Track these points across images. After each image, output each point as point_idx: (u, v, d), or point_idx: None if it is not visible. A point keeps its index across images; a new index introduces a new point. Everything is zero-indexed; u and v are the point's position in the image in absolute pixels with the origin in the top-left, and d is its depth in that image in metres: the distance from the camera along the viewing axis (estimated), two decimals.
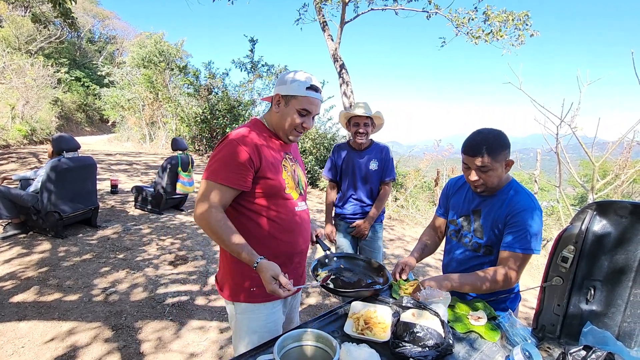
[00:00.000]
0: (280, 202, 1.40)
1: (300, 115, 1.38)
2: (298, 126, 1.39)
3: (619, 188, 5.67)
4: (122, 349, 2.42)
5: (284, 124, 1.39)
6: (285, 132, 1.41)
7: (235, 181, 1.28)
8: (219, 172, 1.28)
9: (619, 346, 1.12)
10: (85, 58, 25.38)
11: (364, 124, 2.55)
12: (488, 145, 1.44)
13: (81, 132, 19.74)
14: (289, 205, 1.43)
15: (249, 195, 1.36)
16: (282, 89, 1.37)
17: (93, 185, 4.51)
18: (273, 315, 1.43)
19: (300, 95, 1.35)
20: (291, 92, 1.35)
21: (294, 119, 1.37)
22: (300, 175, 1.55)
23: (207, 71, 12.17)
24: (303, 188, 1.55)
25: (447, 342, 1.16)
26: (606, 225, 1.21)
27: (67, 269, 3.47)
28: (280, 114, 1.39)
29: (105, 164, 9.30)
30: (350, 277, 1.63)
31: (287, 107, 1.37)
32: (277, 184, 1.37)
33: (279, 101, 1.39)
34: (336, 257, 1.69)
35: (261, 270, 1.20)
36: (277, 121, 1.41)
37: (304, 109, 1.37)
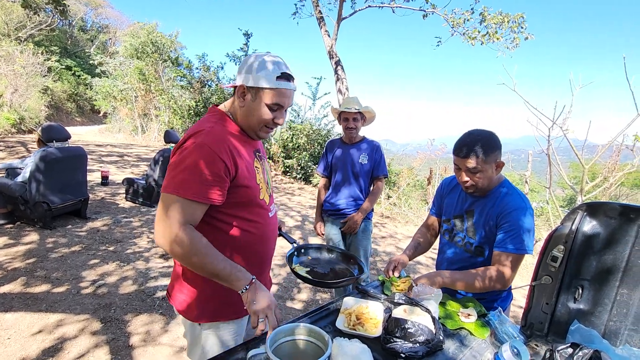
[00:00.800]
0: (255, 210, 1.23)
1: (271, 110, 1.16)
2: (269, 122, 1.19)
3: (607, 190, 5.77)
4: (110, 342, 2.40)
5: (252, 121, 1.18)
6: (253, 129, 1.21)
7: (210, 196, 1.07)
8: (189, 185, 1.04)
9: (605, 344, 1.14)
10: (76, 47, 24.89)
11: (354, 119, 2.60)
12: (478, 147, 1.44)
13: (71, 122, 19.40)
14: (263, 212, 1.26)
15: (225, 207, 1.16)
16: (247, 79, 1.14)
17: (83, 176, 4.45)
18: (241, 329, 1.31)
19: (269, 88, 1.13)
20: (259, 84, 1.12)
21: (264, 114, 1.16)
22: (268, 174, 1.37)
23: (201, 64, 12.05)
24: (271, 189, 1.38)
25: (437, 339, 1.17)
26: (596, 226, 1.23)
27: (55, 260, 3.42)
28: (247, 109, 1.17)
29: (96, 155, 9.17)
30: (325, 268, 1.56)
31: (255, 101, 1.15)
32: (253, 191, 1.20)
33: (244, 93, 1.16)
34: (304, 248, 1.62)
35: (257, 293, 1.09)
36: (243, 117, 1.19)
37: (275, 103, 1.15)
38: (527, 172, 6.93)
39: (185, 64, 12.29)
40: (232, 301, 1.22)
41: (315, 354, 1.01)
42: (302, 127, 9.38)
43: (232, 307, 1.24)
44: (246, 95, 1.16)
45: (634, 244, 1.16)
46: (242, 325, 1.31)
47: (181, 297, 1.24)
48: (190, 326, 1.29)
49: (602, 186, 5.71)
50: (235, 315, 1.25)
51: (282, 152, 9.63)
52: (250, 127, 1.21)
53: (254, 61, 1.15)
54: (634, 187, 12.79)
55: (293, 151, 9.45)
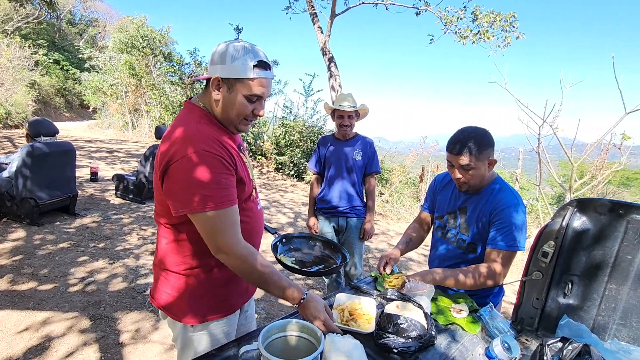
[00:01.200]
0: (248, 205, 1.22)
1: (249, 102, 1.10)
2: (248, 115, 1.13)
3: (595, 188, 5.88)
4: (100, 340, 2.36)
5: (229, 114, 1.12)
6: (232, 122, 1.14)
7: (234, 199, 1.08)
8: (219, 194, 1.02)
9: (593, 338, 1.16)
10: (65, 40, 24.40)
11: (349, 117, 2.59)
12: (471, 144, 1.44)
13: (60, 118, 19.06)
14: (253, 206, 1.25)
15: None
16: (221, 70, 1.06)
17: (71, 172, 4.37)
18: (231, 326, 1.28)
19: (246, 78, 1.06)
20: (234, 74, 1.05)
21: (243, 107, 1.10)
22: (250, 167, 1.30)
23: (193, 59, 11.91)
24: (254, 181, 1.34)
25: (429, 334, 1.18)
26: (585, 222, 1.24)
27: (42, 257, 3.35)
28: (224, 102, 1.10)
29: (85, 151, 9.01)
30: (308, 257, 1.54)
31: (231, 93, 1.08)
32: (248, 185, 1.18)
33: (218, 85, 1.09)
34: (286, 238, 1.59)
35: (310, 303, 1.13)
36: (220, 110, 1.12)
37: (253, 95, 1.08)
38: (518, 170, 7.02)
39: (175, 59, 12.12)
40: (222, 299, 1.21)
41: (308, 350, 1.01)
42: (295, 123, 9.34)
43: (223, 304, 1.22)
44: (221, 87, 1.09)
45: (622, 240, 1.18)
46: (233, 322, 1.29)
47: (169, 299, 1.18)
48: (181, 329, 1.21)
49: (590, 184, 5.81)
50: (226, 312, 1.23)
51: (274, 149, 9.58)
52: (229, 120, 1.14)
53: (226, 50, 1.06)
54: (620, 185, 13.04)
55: (286, 148, 9.41)
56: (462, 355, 1.19)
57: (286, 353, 1.03)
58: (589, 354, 0.98)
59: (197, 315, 1.18)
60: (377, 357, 1.12)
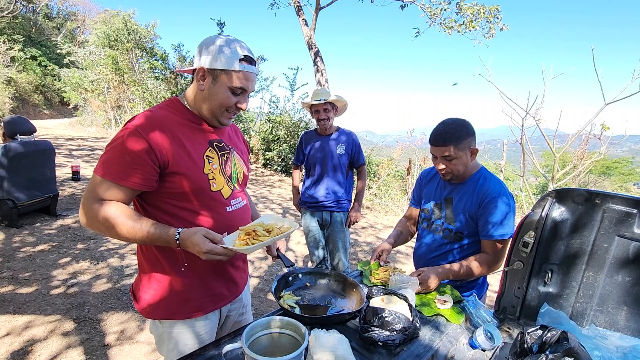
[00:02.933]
0: (205, 203, 1.16)
1: (233, 94, 1.12)
2: (231, 107, 1.14)
3: (577, 178, 6.02)
4: (84, 342, 2.32)
5: (212, 105, 1.13)
6: (214, 114, 1.15)
7: (128, 178, 1.03)
8: (110, 165, 1.03)
9: (572, 325, 1.18)
10: (42, 35, 23.57)
11: (324, 110, 2.59)
12: (451, 135, 1.50)
13: (39, 115, 18.48)
14: (216, 205, 1.18)
15: (161, 195, 1.12)
16: (207, 61, 1.08)
17: (51, 172, 4.25)
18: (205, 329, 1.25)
19: (231, 70, 1.08)
20: (220, 66, 1.07)
21: (226, 98, 1.11)
22: (236, 166, 1.27)
23: (177, 54, 11.66)
24: (238, 181, 1.28)
25: (414, 326, 1.19)
26: (564, 212, 1.27)
27: (22, 260, 3.26)
28: (207, 93, 1.11)
29: (65, 149, 8.77)
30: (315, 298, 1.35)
31: (216, 85, 1.10)
32: (196, 181, 1.12)
33: (203, 76, 1.11)
34: (301, 273, 1.45)
35: (187, 238, 1.03)
36: (202, 101, 1.14)
37: (238, 87, 1.11)
38: (502, 162, 7.13)
39: (159, 54, 11.84)
40: (184, 299, 1.19)
41: (292, 346, 1.00)
42: (282, 119, 9.28)
43: (193, 303, 1.20)
44: (206, 78, 1.11)
45: (599, 229, 1.21)
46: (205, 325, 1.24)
47: (143, 295, 1.20)
48: (151, 323, 1.24)
49: (572, 174, 5.95)
50: (189, 315, 1.20)
51: (262, 145, 9.50)
52: (210, 112, 1.15)
53: (214, 42, 1.09)
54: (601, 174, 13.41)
55: (273, 143, 9.35)
56: (446, 346, 1.21)
57: (270, 350, 1.03)
58: (567, 340, 1.00)
59: (160, 311, 1.19)
60: (363, 351, 1.13)
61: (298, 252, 4.38)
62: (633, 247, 1.15)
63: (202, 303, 1.22)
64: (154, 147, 1.04)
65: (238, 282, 1.33)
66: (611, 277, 1.20)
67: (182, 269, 1.17)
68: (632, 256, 1.16)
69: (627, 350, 1.02)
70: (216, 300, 1.25)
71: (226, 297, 1.29)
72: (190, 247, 1.04)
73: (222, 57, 1.07)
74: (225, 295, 1.28)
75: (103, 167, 1.04)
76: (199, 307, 1.21)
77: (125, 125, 1.08)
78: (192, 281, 1.19)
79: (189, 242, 1.04)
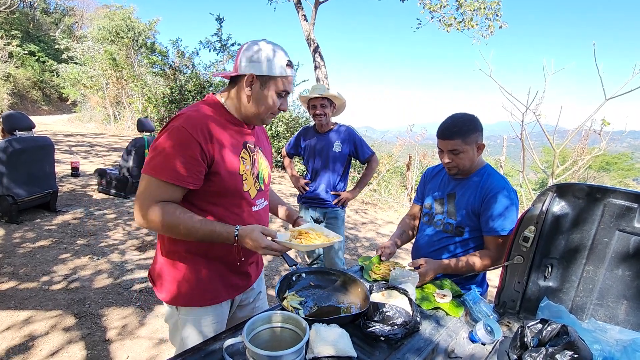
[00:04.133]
0: (235, 202, 1.23)
1: (279, 97, 1.21)
2: (275, 110, 1.23)
3: (577, 173, 6.03)
4: (85, 337, 2.33)
5: (259, 109, 1.20)
6: (260, 116, 1.23)
7: (182, 179, 1.08)
8: (164, 167, 1.07)
9: (572, 319, 1.19)
10: (40, 31, 23.44)
11: (321, 105, 2.55)
12: (458, 129, 1.50)
13: (38, 111, 18.43)
14: (244, 205, 1.25)
15: (199, 192, 1.17)
16: (256, 68, 1.15)
17: (50, 168, 4.24)
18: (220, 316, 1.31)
19: (279, 76, 1.16)
20: (269, 72, 1.15)
21: (273, 102, 1.19)
22: (262, 166, 1.34)
23: (175, 49, 11.61)
24: (264, 182, 1.35)
25: (414, 320, 1.19)
26: (564, 207, 1.27)
27: (23, 255, 3.27)
28: (256, 98, 1.18)
29: (65, 145, 8.76)
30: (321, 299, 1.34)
31: (264, 90, 1.17)
32: (233, 181, 1.19)
33: (252, 82, 1.17)
34: (305, 272, 1.45)
35: (245, 235, 1.10)
36: (249, 105, 1.20)
37: (283, 91, 1.19)
38: (502, 157, 7.13)
39: (158, 49, 11.79)
40: (211, 287, 1.25)
41: (293, 340, 1.01)
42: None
43: (210, 292, 1.25)
44: (254, 83, 1.17)
45: (599, 223, 1.21)
46: (219, 314, 1.30)
47: (164, 282, 1.26)
48: (168, 309, 1.30)
49: (571, 169, 5.96)
50: (207, 302, 1.26)
51: None
52: (256, 115, 1.22)
53: (260, 49, 1.16)
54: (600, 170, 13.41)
55: (272, 139, 9.34)
56: (446, 339, 1.21)
57: (271, 345, 1.03)
58: (567, 334, 1.00)
59: (180, 298, 1.24)
60: (364, 345, 1.13)
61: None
62: (633, 242, 1.15)
63: (218, 292, 1.28)
64: (203, 147, 1.10)
65: (252, 274, 1.40)
66: (611, 271, 1.20)
67: (238, 263, 1.26)
68: (633, 250, 1.16)
69: (627, 343, 1.03)
70: (231, 291, 1.32)
71: (240, 288, 1.36)
72: (248, 243, 1.11)
73: (271, 65, 1.15)
74: (240, 286, 1.35)
75: (157, 168, 1.08)
76: (215, 296, 1.27)
77: (171, 123, 1.12)
78: (211, 273, 1.25)
79: (249, 238, 1.10)
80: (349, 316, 1.20)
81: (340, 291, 1.39)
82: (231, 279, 1.31)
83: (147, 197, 1.08)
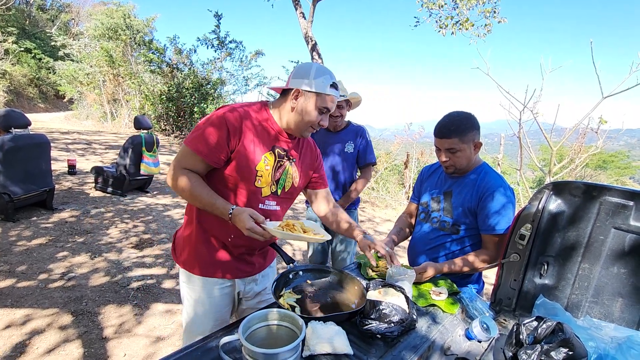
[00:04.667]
0: (245, 192, 1.33)
1: (320, 113, 1.32)
2: (315, 124, 1.34)
3: (573, 172, 6.04)
4: (82, 335, 2.32)
5: (301, 120, 1.32)
6: (299, 128, 1.35)
7: (207, 154, 1.25)
8: (194, 139, 1.27)
9: (567, 316, 1.19)
10: (36, 27, 23.23)
11: (339, 107, 2.40)
12: (455, 127, 1.50)
13: (34, 109, 18.30)
14: (252, 198, 1.35)
15: (220, 173, 1.32)
16: (303, 84, 1.29)
17: (47, 165, 4.21)
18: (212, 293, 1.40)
19: (323, 94, 1.29)
20: (314, 89, 1.28)
21: (313, 116, 1.31)
22: (288, 175, 1.40)
23: (173, 46, 11.55)
24: (284, 189, 1.41)
25: (411, 318, 1.20)
26: (561, 205, 1.27)
27: (19, 253, 3.25)
28: (299, 110, 1.31)
29: (61, 143, 8.71)
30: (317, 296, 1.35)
31: (307, 104, 1.29)
32: (247, 172, 1.30)
33: (297, 96, 1.30)
34: (302, 270, 1.45)
35: (237, 215, 1.21)
36: (292, 116, 1.33)
37: (325, 107, 1.31)
38: (500, 155, 7.14)
39: (154, 46, 11.70)
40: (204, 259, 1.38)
41: (290, 338, 1.01)
42: None
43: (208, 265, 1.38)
44: (299, 97, 1.30)
45: (595, 221, 1.21)
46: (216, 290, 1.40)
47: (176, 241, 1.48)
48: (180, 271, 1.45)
49: (568, 167, 5.97)
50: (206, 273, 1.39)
51: None
52: (297, 126, 1.34)
53: (310, 69, 1.30)
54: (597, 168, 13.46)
55: None
56: (442, 336, 1.22)
57: (268, 342, 1.03)
58: (562, 331, 1.01)
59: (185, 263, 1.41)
60: (360, 343, 1.13)
61: (296, 246, 4.39)
62: (629, 239, 1.16)
63: (215, 268, 1.40)
64: (231, 135, 1.26)
65: (255, 264, 1.47)
66: (607, 269, 1.21)
67: (230, 239, 1.36)
68: (628, 248, 1.16)
69: (622, 340, 1.03)
70: (229, 271, 1.42)
71: (239, 272, 1.44)
72: (237, 223, 1.21)
73: (317, 82, 1.28)
74: (239, 270, 1.44)
75: (192, 141, 1.26)
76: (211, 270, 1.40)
77: (216, 110, 1.31)
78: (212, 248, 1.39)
79: (238, 218, 1.20)
80: (345, 314, 1.20)
81: (337, 289, 1.39)
82: (232, 261, 1.40)
83: (177, 161, 1.28)
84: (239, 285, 1.46)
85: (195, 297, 1.42)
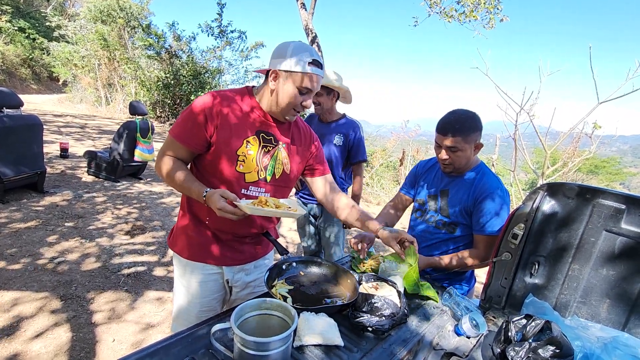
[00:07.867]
0: (227, 179, 1.29)
1: (300, 93, 1.25)
2: (297, 105, 1.27)
3: (566, 175, 6.12)
4: (71, 320, 2.31)
5: (281, 103, 1.27)
6: (282, 111, 1.29)
7: (185, 139, 1.27)
8: (175, 127, 1.29)
9: (555, 315, 1.21)
10: (30, 7, 22.68)
11: (317, 94, 2.33)
12: (460, 126, 1.47)
13: (27, 90, 17.95)
14: (234, 183, 1.30)
15: (204, 159, 1.32)
16: (279, 64, 1.23)
17: (39, 147, 4.15)
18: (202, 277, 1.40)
19: (301, 72, 1.21)
20: (291, 68, 1.21)
21: (293, 97, 1.25)
22: (278, 161, 1.35)
23: (172, 32, 11.38)
24: (274, 175, 1.36)
25: (402, 312, 1.21)
26: (554, 205, 1.28)
27: (8, 236, 3.21)
28: (278, 92, 1.26)
29: (54, 126, 8.59)
30: (310, 288, 1.33)
31: (286, 84, 1.24)
32: (227, 156, 1.27)
33: (275, 77, 1.25)
34: (295, 262, 1.43)
35: (209, 196, 1.20)
36: (272, 98, 1.28)
37: (305, 87, 1.24)
38: (494, 156, 7.19)
39: (154, 32, 11.51)
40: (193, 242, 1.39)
41: (282, 328, 1.01)
42: None
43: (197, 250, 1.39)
44: (278, 78, 1.25)
45: (587, 223, 1.23)
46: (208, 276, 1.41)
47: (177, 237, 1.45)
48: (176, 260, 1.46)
49: (561, 171, 6.04)
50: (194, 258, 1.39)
51: None
52: (279, 108, 1.29)
53: (287, 47, 1.24)
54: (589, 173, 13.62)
55: None
56: (432, 332, 1.23)
57: (260, 331, 1.03)
58: (550, 329, 1.02)
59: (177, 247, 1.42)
60: (351, 335, 1.14)
61: (289, 238, 4.40)
62: (619, 242, 1.17)
63: (203, 254, 1.40)
64: (208, 119, 1.24)
65: (246, 252, 1.45)
66: (596, 271, 1.23)
67: (206, 221, 1.37)
68: (618, 251, 1.18)
69: (608, 341, 1.05)
70: (217, 258, 1.41)
71: (228, 260, 1.42)
72: (210, 204, 1.20)
73: (293, 60, 1.21)
74: (227, 258, 1.42)
75: (173, 128, 1.29)
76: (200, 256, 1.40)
77: (196, 98, 1.31)
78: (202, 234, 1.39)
79: (210, 199, 1.19)
80: (337, 306, 1.21)
81: (330, 281, 1.39)
82: (220, 247, 1.40)
83: (163, 148, 1.32)
84: (227, 273, 1.43)
85: (183, 282, 1.43)
